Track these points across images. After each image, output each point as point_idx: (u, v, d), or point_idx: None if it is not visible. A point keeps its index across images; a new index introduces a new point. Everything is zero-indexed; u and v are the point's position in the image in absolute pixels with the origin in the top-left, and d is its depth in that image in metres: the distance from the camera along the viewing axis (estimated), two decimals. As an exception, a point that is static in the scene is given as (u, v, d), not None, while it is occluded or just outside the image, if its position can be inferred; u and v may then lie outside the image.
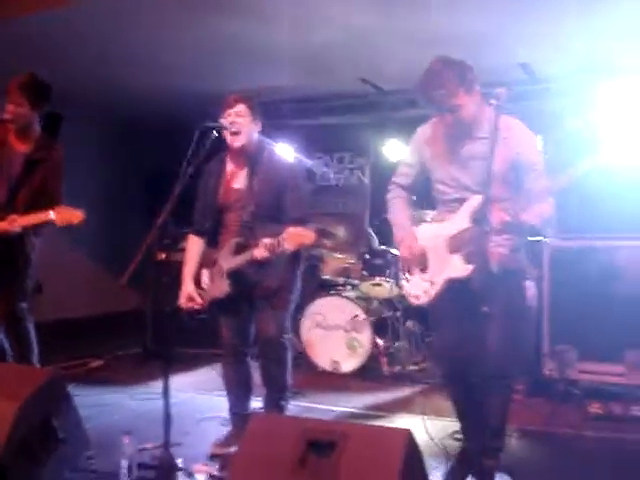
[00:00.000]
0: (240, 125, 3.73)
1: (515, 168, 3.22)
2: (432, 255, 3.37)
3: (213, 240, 4.00)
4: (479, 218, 3.09)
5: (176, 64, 6.30)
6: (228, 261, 3.77)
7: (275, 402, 3.92)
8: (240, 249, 3.74)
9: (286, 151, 3.69)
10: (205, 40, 5.64)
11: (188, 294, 3.87)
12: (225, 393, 4.05)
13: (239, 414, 3.95)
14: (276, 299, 3.88)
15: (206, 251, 4.00)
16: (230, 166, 3.92)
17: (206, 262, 3.97)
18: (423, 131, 3.51)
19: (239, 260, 3.70)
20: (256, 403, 4.11)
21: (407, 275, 3.51)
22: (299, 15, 5.14)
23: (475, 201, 3.17)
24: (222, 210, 3.92)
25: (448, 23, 5.20)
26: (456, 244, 3.24)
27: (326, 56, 6.09)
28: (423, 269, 3.41)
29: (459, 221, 3.26)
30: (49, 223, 4.05)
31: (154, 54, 6.05)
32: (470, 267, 3.15)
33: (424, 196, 3.67)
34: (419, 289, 3.41)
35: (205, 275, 3.96)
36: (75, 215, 3.98)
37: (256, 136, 3.87)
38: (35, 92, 4.24)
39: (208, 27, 5.34)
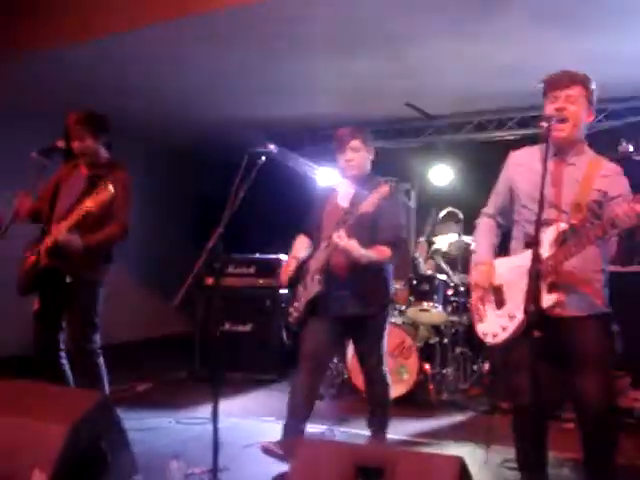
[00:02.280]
0: (357, 160, 4.05)
1: (601, 202, 3.12)
2: (511, 289, 3.21)
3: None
4: (560, 246, 3.01)
5: (226, 93, 6.40)
6: (316, 262, 3.97)
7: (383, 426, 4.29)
8: (327, 249, 3.91)
9: (332, 176, 3.77)
10: (256, 70, 5.72)
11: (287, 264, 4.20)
12: (287, 404, 4.07)
13: (294, 427, 3.97)
14: (373, 325, 4.09)
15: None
16: (342, 188, 4.15)
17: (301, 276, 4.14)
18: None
19: (322, 255, 3.91)
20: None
21: (480, 311, 3.35)
22: (343, 42, 5.18)
23: (557, 229, 3.06)
24: (322, 223, 4.12)
25: (492, 52, 5.20)
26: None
27: (373, 83, 6.11)
28: (499, 305, 3.26)
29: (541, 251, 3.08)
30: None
31: (205, 82, 6.15)
32: (556, 297, 3.01)
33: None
34: (496, 326, 3.24)
35: (300, 288, 4.11)
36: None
37: (368, 163, 4.17)
38: (95, 125, 4.39)
39: (257, 58, 5.41)
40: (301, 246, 4.27)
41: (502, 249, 3.49)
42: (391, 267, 4.20)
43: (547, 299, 3.01)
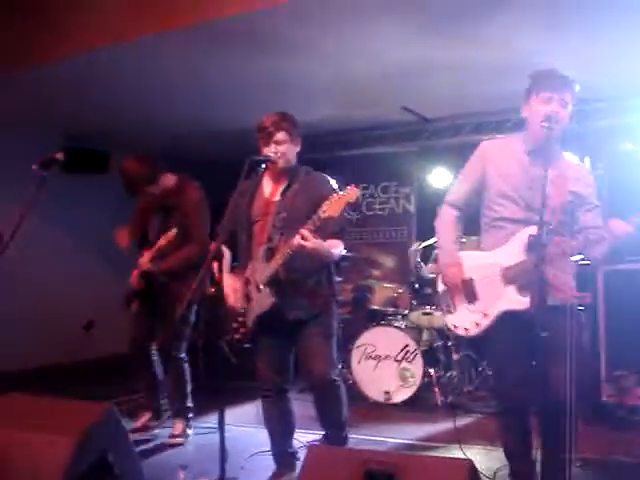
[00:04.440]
0: (283, 152, 3.67)
1: (572, 202, 3.19)
2: (482, 285, 3.28)
3: (239, 261, 3.86)
4: (537, 250, 3.03)
5: (220, 99, 6.40)
6: (262, 271, 3.61)
7: (334, 440, 3.77)
8: (272, 254, 3.58)
9: (334, 182, 3.62)
10: (249, 76, 5.72)
11: (233, 288, 3.76)
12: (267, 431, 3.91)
13: (282, 453, 3.87)
14: (317, 326, 3.67)
15: (233, 275, 3.84)
16: (267, 181, 3.83)
17: (236, 286, 3.78)
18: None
19: (274, 264, 3.53)
20: (312, 436, 4.06)
21: (450, 305, 3.42)
22: (342, 48, 5.19)
23: (534, 232, 3.07)
24: (253, 222, 3.77)
25: (490, 54, 5.21)
26: (513, 275, 3.16)
27: (368, 87, 6.12)
28: (471, 300, 3.32)
29: (515, 251, 3.18)
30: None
31: (199, 90, 6.15)
32: (527, 300, 3.02)
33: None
34: (467, 321, 3.32)
35: (240, 301, 3.74)
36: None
37: (296, 154, 3.82)
38: (153, 169, 4.78)
39: (253, 64, 5.42)
40: (227, 262, 3.92)
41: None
42: (333, 263, 3.82)
43: (517, 301, 3.12)
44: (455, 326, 3.39)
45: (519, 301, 3.11)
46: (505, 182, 3.28)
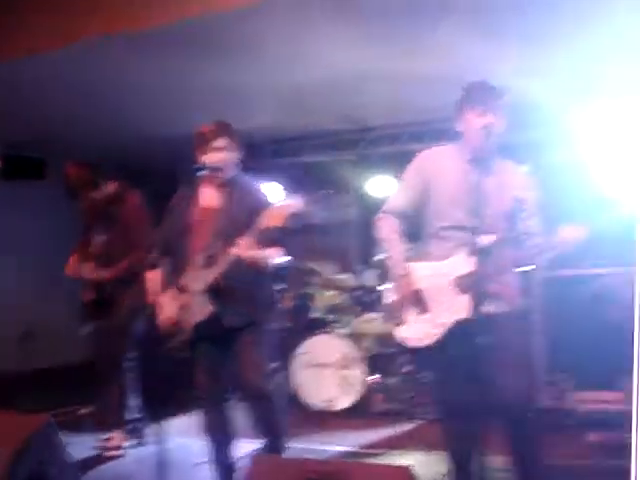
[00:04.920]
0: (222, 161, 3.64)
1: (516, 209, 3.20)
2: (434, 295, 3.25)
3: (175, 270, 3.74)
4: (486, 258, 3.08)
5: (158, 106, 6.33)
6: (200, 278, 3.55)
7: (272, 449, 3.72)
8: (211, 262, 3.52)
9: (274, 190, 3.59)
10: (187, 82, 5.67)
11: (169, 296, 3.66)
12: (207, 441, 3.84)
13: (223, 464, 3.81)
14: (253, 335, 3.64)
15: (170, 282, 3.72)
16: (206, 189, 3.77)
17: (173, 295, 3.67)
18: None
19: (213, 272, 3.49)
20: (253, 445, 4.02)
21: (401, 317, 3.36)
22: (281, 55, 5.18)
23: (480, 241, 3.13)
24: (190, 230, 3.69)
25: (428, 63, 5.28)
26: (466, 284, 3.15)
27: (307, 95, 6.12)
28: (422, 311, 3.28)
29: (467, 260, 3.18)
30: None
31: (135, 97, 6.07)
32: (481, 308, 3.08)
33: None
34: (420, 332, 3.26)
35: (177, 310, 3.65)
36: None
37: (235, 162, 3.77)
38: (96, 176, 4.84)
39: (191, 70, 5.38)
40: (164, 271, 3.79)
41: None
42: (272, 271, 3.77)
43: (471, 309, 3.12)
44: (407, 338, 3.32)
45: (471, 310, 3.11)
46: (447, 191, 3.28)
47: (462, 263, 3.19)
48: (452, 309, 3.18)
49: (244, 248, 3.33)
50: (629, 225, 2.95)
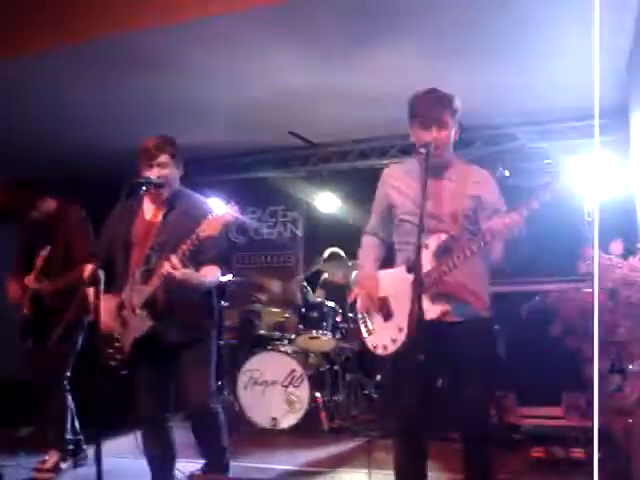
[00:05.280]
0: (166, 176, 3.58)
1: (476, 209, 3.24)
2: (397, 301, 3.26)
3: (114, 284, 3.66)
4: (442, 257, 3.08)
5: (104, 120, 6.24)
6: (138, 294, 3.47)
7: (215, 468, 3.67)
8: (148, 277, 3.45)
9: (219, 206, 3.50)
10: (135, 96, 5.61)
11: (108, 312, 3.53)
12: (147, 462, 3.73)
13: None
14: (194, 352, 3.57)
15: (109, 299, 3.59)
16: (148, 204, 3.71)
17: (112, 310, 3.58)
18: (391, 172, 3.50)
19: (150, 287, 3.41)
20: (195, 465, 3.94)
21: (367, 323, 3.39)
22: (229, 71, 5.17)
23: (437, 240, 3.14)
24: (131, 244, 3.62)
25: (376, 82, 5.32)
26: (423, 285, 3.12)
27: (257, 110, 6.11)
28: (386, 317, 3.30)
29: (423, 261, 3.12)
30: None
31: (83, 110, 5.98)
32: (440, 308, 3.07)
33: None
34: (386, 338, 3.27)
35: (116, 326, 3.57)
36: None
37: (178, 177, 3.71)
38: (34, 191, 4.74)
39: (139, 84, 5.32)
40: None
41: (388, 264, 3.52)
42: (214, 289, 3.76)
43: (432, 310, 3.09)
44: (374, 346, 3.34)
45: (432, 310, 3.09)
46: (407, 201, 3.31)
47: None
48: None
49: (174, 267, 3.25)
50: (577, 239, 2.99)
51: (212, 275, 3.56)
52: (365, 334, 3.42)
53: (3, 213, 4.64)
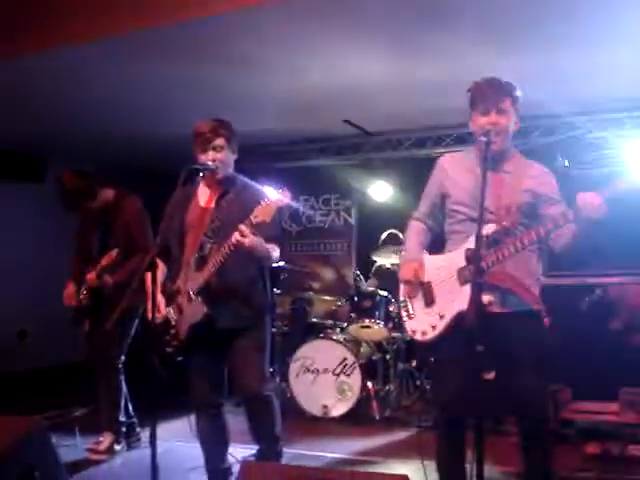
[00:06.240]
0: (221, 160, 3.58)
1: (532, 203, 3.20)
2: (440, 288, 3.25)
3: (172, 271, 3.72)
4: (492, 248, 3.03)
5: (161, 109, 6.31)
6: (193, 280, 3.51)
7: (269, 454, 3.67)
8: (203, 263, 3.48)
9: (271, 192, 3.49)
10: (192, 86, 5.65)
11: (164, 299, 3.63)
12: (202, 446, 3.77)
13: (216, 470, 3.75)
14: (249, 338, 3.57)
15: (167, 284, 3.69)
16: (203, 190, 3.74)
17: (168, 298, 3.66)
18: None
19: (205, 273, 3.44)
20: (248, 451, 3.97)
21: (408, 308, 3.37)
22: (285, 61, 5.16)
23: (488, 231, 3.08)
24: (187, 231, 3.66)
25: (432, 71, 5.27)
26: (467, 275, 3.11)
27: (312, 100, 6.10)
28: (428, 303, 3.29)
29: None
30: None
31: (138, 100, 6.05)
32: (486, 298, 2.97)
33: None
34: (425, 324, 3.26)
35: (171, 312, 3.63)
36: None
37: (233, 162, 3.72)
38: (91, 180, 4.77)
39: (196, 73, 5.35)
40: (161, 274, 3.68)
41: (433, 251, 3.49)
42: (268, 272, 3.77)
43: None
44: (414, 331, 3.33)
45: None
46: (461, 191, 3.29)
47: (463, 254, 3.17)
48: (454, 301, 3.16)
49: (243, 235, 3.23)
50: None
51: (274, 251, 3.55)
52: (405, 318, 3.41)
53: (66, 198, 4.69)
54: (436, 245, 3.52)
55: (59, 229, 5.08)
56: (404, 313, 3.42)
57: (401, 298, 3.46)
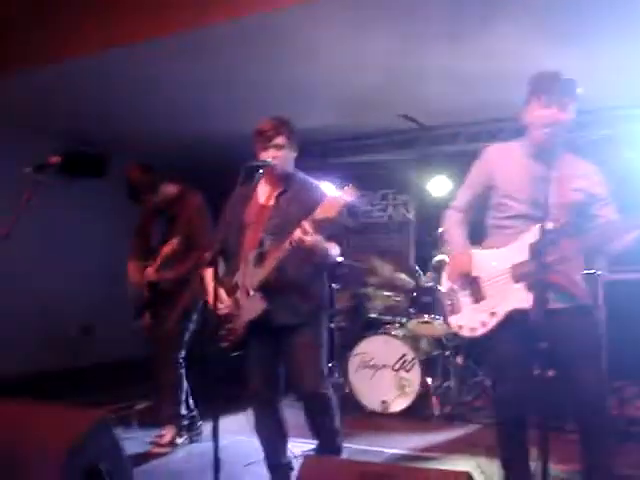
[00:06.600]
0: (281, 158, 3.61)
1: (580, 201, 3.15)
2: (490, 284, 3.22)
3: (230, 268, 3.73)
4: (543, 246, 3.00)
5: (221, 106, 6.37)
6: (252, 276, 3.52)
7: (328, 449, 3.68)
8: (262, 259, 3.50)
9: (331, 189, 3.49)
10: (251, 82, 5.69)
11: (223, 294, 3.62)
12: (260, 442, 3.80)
13: (276, 465, 3.77)
14: (306, 335, 3.56)
15: (226, 280, 3.68)
16: (263, 187, 3.76)
17: (227, 291, 3.66)
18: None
19: (265, 269, 3.45)
20: (307, 445, 3.99)
21: (454, 301, 3.35)
22: (342, 56, 5.16)
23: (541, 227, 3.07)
24: (246, 228, 3.67)
25: (488, 64, 5.23)
26: (522, 273, 3.09)
27: (368, 95, 6.10)
28: (477, 299, 3.27)
29: (523, 248, 3.13)
30: None
31: (200, 96, 6.12)
32: (537, 298, 2.97)
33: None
34: (474, 320, 3.24)
35: (230, 306, 3.64)
36: None
37: (293, 160, 3.74)
38: (154, 176, 4.84)
39: (254, 69, 5.39)
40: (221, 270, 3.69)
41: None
42: (327, 268, 3.75)
43: (529, 297, 2.97)
44: (460, 326, 3.32)
45: (528, 299, 2.97)
46: (510, 183, 3.25)
47: (518, 251, 3.14)
48: (507, 298, 3.13)
49: (305, 232, 3.24)
50: None
51: (334, 249, 3.56)
52: (448, 312, 3.38)
53: (130, 191, 4.77)
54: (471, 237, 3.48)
55: (128, 227, 5.15)
56: (449, 307, 3.39)
57: (444, 291, 3.43)
